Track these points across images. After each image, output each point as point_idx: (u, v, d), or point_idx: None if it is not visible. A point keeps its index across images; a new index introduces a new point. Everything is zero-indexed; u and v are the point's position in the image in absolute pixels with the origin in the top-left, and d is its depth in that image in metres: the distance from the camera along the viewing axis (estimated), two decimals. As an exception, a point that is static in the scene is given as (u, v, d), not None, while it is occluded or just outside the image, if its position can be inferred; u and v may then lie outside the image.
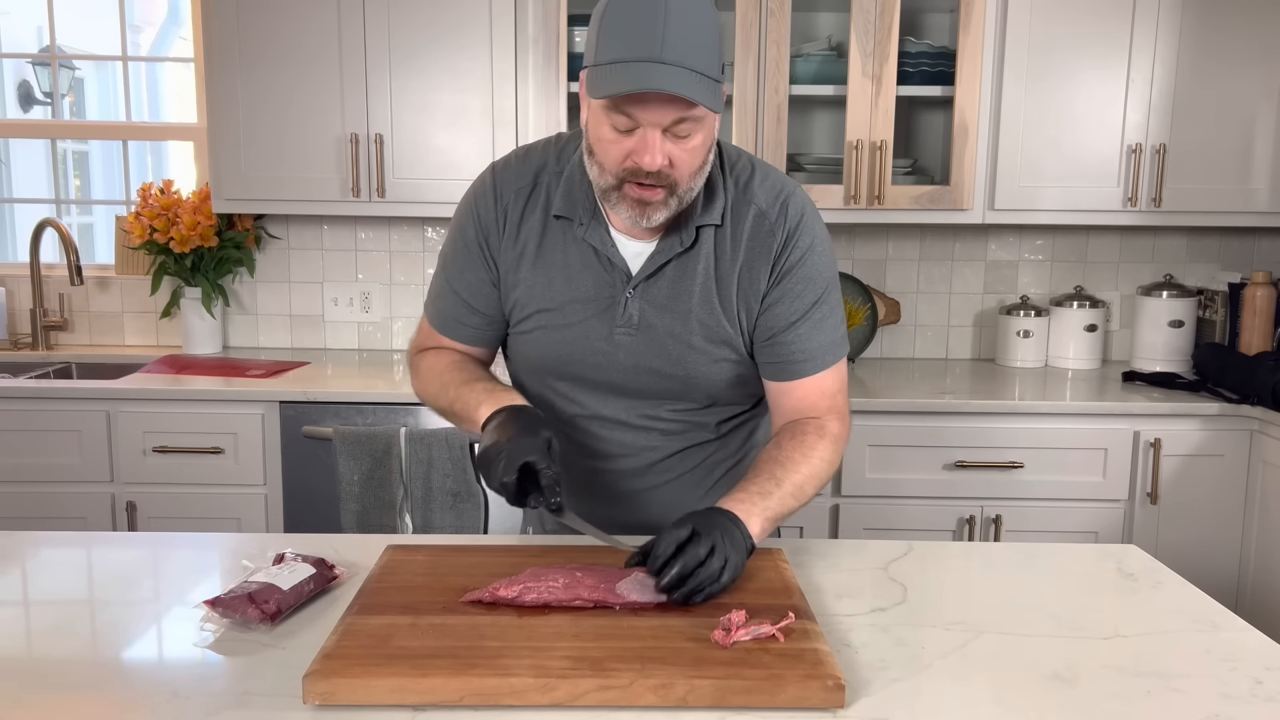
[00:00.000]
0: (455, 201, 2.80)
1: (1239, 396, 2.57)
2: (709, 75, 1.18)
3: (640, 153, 1.21)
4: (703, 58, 1.17)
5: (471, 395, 1.34)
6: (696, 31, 1.17)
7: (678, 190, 1.25)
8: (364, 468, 2.50)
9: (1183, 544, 2.59)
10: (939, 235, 3.14)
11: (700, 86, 1.17)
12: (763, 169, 1.40)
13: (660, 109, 1.18)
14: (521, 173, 1.40)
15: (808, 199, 1.40)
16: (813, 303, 1.37)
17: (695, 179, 1.27)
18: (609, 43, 1.18)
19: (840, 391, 1.42)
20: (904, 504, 2.57)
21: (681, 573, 1.13)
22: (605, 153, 1.24)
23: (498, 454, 1.20)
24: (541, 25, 2.72)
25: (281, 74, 2.75)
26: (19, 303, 3.18)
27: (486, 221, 1.41)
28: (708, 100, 1.17)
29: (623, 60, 1.16)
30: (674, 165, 1.23)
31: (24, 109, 4.71)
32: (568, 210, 1.36)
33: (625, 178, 1.24)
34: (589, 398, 1.44)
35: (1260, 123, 2.75)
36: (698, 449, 1.48)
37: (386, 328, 3.21)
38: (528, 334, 1.42)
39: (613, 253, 1.36)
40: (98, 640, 1.13)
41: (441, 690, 0.97)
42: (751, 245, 1.35)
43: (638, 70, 1.15)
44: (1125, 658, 1.11)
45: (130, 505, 2.58)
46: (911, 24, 2.98)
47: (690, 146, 1.23)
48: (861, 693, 1.02)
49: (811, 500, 1.35)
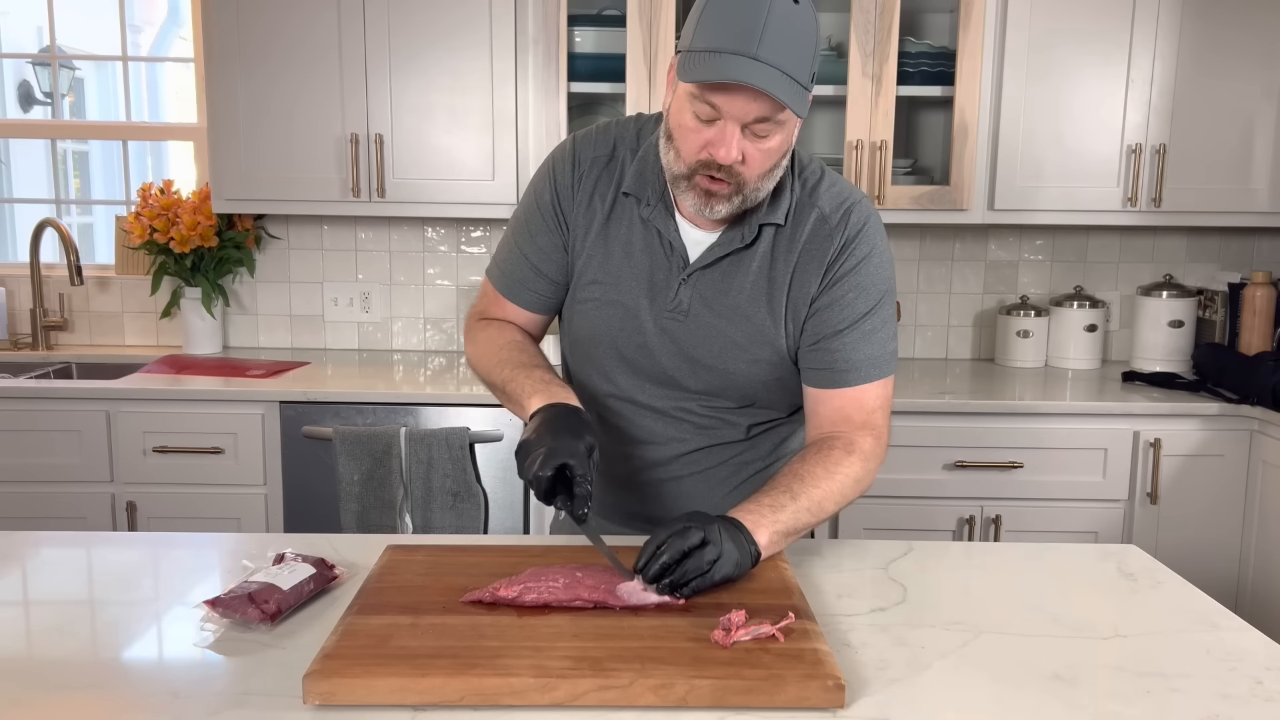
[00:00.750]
0: (455, 202, 2.85)
1: (1239, 396, 2.57)
2: (799, 81, 1.19)
3: (717, 145, 1.22)
4: (796, 62, 1.18)
5: (528, 382, 1.34)
6: (795, 36, 1.17)
7: (745, 189, 1.26)
8: (364, 468, 2.50)
9: (1183, 544, 2.59)
10: (939, 235, 3.14)
11: (789, 88, 1.17)
12: (832, 176, 1.40)
13: (745, 104, 1.19)
14: (601, 143, 1.42)
15: (874, 211, 1.39)
16: (864, 313, 1.35)
17: (765, 180, 1.28)
18: (707, 30, 1.19)
19: (880, 409, 1.38)
20: (904, 504, 2.57)
21: (668, 560, 1.13)
22: (683, 139, 1.25)
23: (539, 447, 1.20)
24: (541, 25, 2.72)
25: (282, 74, 2.75)
26: (19, 303, 3.18)
27: (563, 186, 1.42)
28: (794, 103, 1.18)
29: (718, 50, 1.17)
30: (746, 163, 1.23)
31: (24, 109, 4.71)
32: (637, 189, 1.37)
33: (698, 168, 1.25)
34: (627, 379, 1.44)
35: (1260, 123, 2.75)
36: (725, 447, 1.48)
37: (386, 328, 3.21)
38: (581, 304, 1.43)
39: (675, 237, 1.37)
40: (98, 640, 1.13)
41: (441, 690, 0.97)
42: (809, 248, 1.35)
43: (731, 62, 1.16)
44: (1125, 658, 1.11)
45: (130, 505, 2.58)
46: (911, 24, 2.98)
47: (766, 147, 1.23)
48: (861, 693, 1.02)
49: (832, 515, 1.33)
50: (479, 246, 3.17)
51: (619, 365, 1.44)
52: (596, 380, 1.47)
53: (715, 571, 1.15)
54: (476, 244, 3.17)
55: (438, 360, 3.05)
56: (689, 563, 1.13)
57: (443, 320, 3.20)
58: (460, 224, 3.16)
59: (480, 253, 3.17)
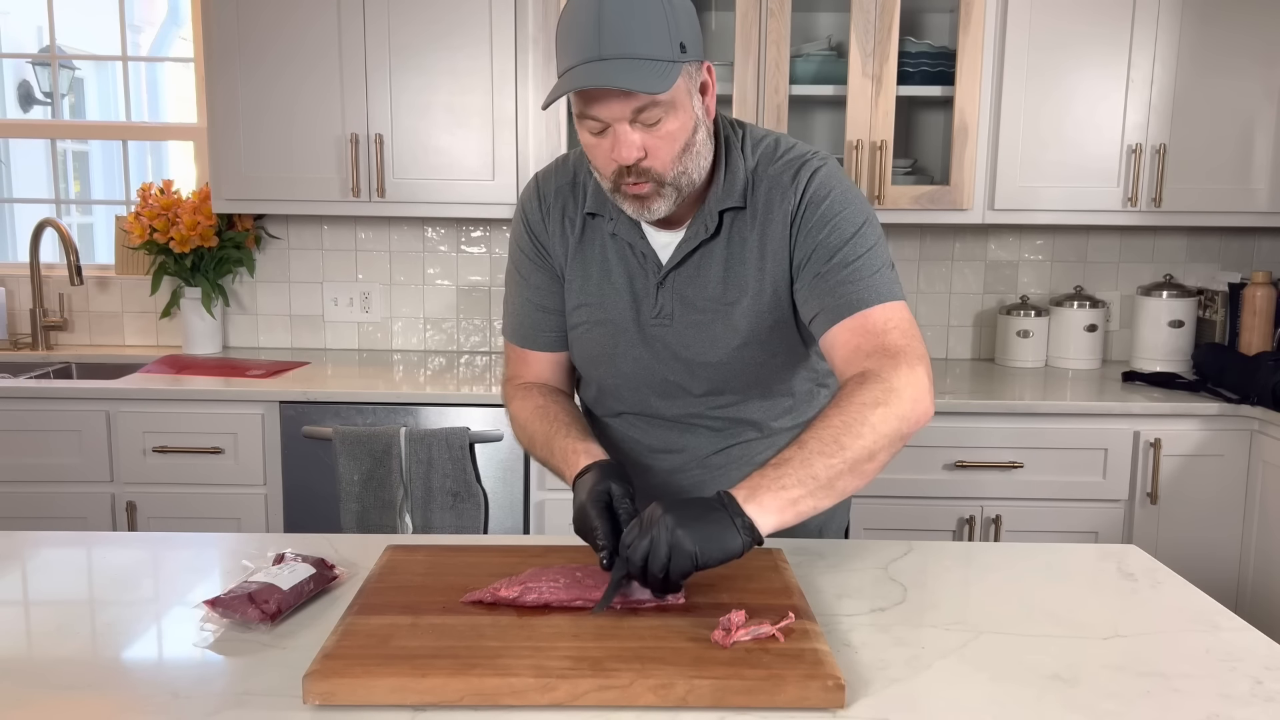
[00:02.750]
0: (455, 201, 2.85)
1: (1239, 396, 2.57)
2: (657, 58, 1.17)
3: (617, 150, 1.22)
4: (647, 43, 1.17)
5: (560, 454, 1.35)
6: (634, 17, 1.17)
7: (666, 179, 1.26)
8: (364, 468, 2.50)
9: (1183, 544, 2.59)
10: (939, 235, 3.14)
11: (644, 72, 1.16)
12: (786, 143, 1.38)
13: (615, 104, 1.19)
14: (561, 173, 1.44)
15: (828, 162, 1.34)
16: (841, 244, 1.28)
17: (685, 162, 1.26)
18: (560, 53, 1.22)
19: (895, 329, 1.24)
20: (904, 504, 2.57)
21: (631, 572, 1.10)
22: (594, 157, 1.27)
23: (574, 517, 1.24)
24: (541, 25, 2.72)
25: (281, 74, 2.75)
26: (19, 303, 3.18)
27: (535, 222, 1.44)
28: (649, 85, 1.16)
29: (570, 67, 1.19)
30: (651, 154, 1.23)
31: (24, 109, 4.71)
32: (598, 208, 1.38)
33: (617, 178, 1.26)
34: (633, 394, 1.46)
35: (1260, 123, 2.74)
36: (744, 446, 1.49)
37: (386, 328, 3.21)
38: (574, 329, 1.45)
39: (644, 245, 1.37)
40: (98, 640, 1.13)
41: (441, 690, 0.97)
42: (769, 215, 1.33)
43: (580, 72, 1.17)
44: (1125, 658, 1.11)
45: (130, 505, 2.58)
46: (911, 24, 2.98)
47: (664, 132, 1.22)
48: (861, 693, 1.02)
49: (870, 451, 1.16)
50: (479, 246, 3.17)
51: (622, 382, 1.45)
52: (607, 400, 1.50)
53: (674, 561, 1.06)
54: (476, 244, 3.17)
55: (438, 360, 3.05)
56: (653, 562, 1.07)
57: (443, 320, 3.20)
58: (460, 224, 3.16)
59: (480, 253, 3.17)
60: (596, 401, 1.54)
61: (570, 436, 1.36)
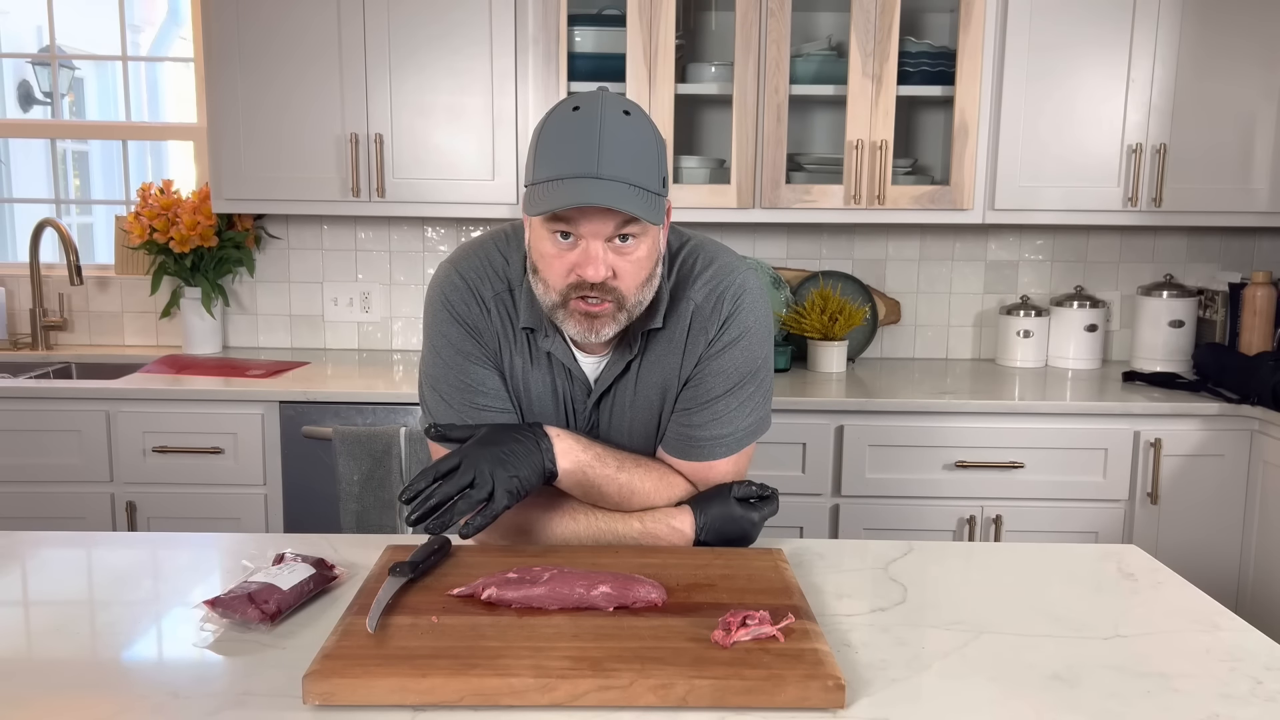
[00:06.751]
0: (455, 201, 2.84)
1: (1239, 396, 2.57)
2: (648, 189, 1.21)
3: (584, 265, 1.23)
4: (640, 173, 1.20)
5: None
6: (633, 147, 1.21)
7: (626, 303, 1.27)
8: (364, 468, 2.50)
9: (1183, 544, 2.59)
10: (939, 235, 3.14)
11: (639, 200, 1.20)
12: (707, 258, 1.40)
13: (600, 221, 1.21)
14: (493, 279, 1.38)
15: (749, 287, 1.39)
16: (718, 395, 1.37)
17: (643, 291, 1.29)
18: (548, 161, 1.21)
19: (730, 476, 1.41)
20: (904, 504, 2.57)
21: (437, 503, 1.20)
22: (549, 268, 1.26)
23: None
24: (541, 25, 2.72)
25: (281, 74, 2.75)
26: (19, 303, 3.18)
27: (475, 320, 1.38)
28: (647, 213, 1.20)
29: (561, 178, 1.19)
30: (618, 277, 1.25)
31: (24, 109, 4.71)
32: (532, 322, 1.37)
33: (569, 293, 1.26)
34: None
35: (1260, 123, 2.74)
36: None
37: (386, 327, 3.21)
38: None
39: (574, 366, 1.38)
40: (98, 640, 1.13)
41: (441, 690, 0.97)
42: (690, 339, 1.38)
43: (576, 186, 1.18)
44: (1125, 658, 1.11)
45: (130, 505, 2.58)
46: (911, 24, 2.98)
47: (634, 258, 1.25)
48: (861, 693, 1.02)
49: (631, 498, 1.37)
50: (479, 246, 3.17)
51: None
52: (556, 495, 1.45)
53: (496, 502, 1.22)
54: (476, 244, 3.16)
55: (438, 360, 3.04)
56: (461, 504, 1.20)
57: (443, 320, 3.20)
58: (460, 224, 3.16)
59: (480, 253, 3.17)
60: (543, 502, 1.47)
61: None
